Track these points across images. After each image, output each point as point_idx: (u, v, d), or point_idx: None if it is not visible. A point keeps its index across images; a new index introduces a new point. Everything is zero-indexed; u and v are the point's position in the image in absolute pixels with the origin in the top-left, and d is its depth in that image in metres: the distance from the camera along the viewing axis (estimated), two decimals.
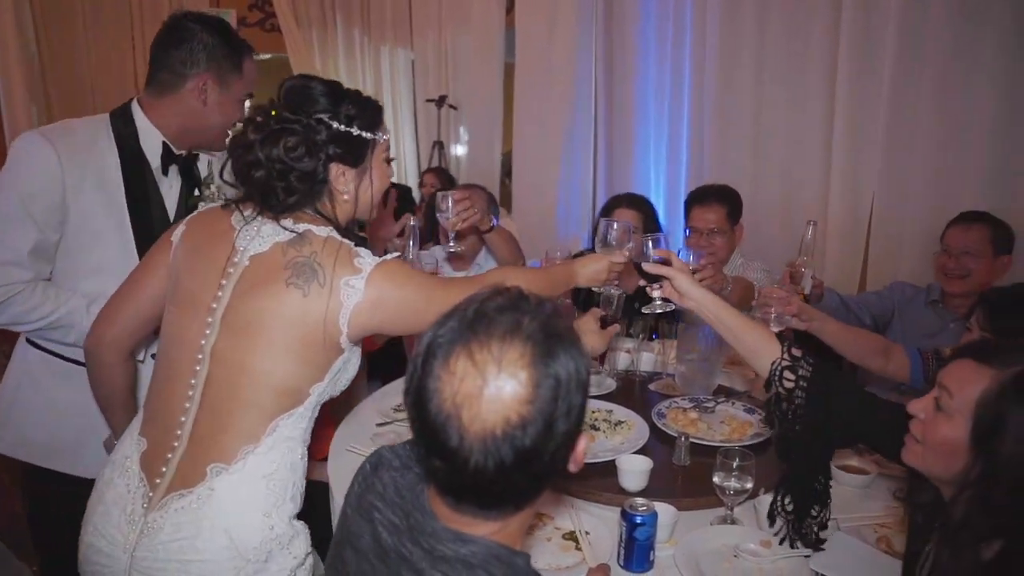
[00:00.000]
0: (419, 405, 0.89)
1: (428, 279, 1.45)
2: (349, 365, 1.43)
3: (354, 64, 6.83)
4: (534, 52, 5.10)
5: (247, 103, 1.89)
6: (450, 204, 2.14)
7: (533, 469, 0.89)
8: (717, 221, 2.76)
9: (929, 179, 3.39)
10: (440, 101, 5.78)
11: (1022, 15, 3.10)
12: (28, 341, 1.82)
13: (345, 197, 1.43)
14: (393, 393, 2.31)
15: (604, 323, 1.83)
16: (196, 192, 1.92)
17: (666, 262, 1.60)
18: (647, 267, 1.61)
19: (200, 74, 1.77)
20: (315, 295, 1.31)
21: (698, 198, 2.87)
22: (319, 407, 1.42)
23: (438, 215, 2.17)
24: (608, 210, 2.91)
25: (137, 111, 1.81)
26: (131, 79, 6.65)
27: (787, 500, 1.49)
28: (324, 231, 1.37)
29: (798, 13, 3.71)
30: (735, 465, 1.57)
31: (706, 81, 4.14)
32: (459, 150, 6.16)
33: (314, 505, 1.61)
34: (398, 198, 5.52)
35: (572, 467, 0.96)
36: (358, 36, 6.75)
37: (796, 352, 1.46)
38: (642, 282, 1.68)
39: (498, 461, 0.86)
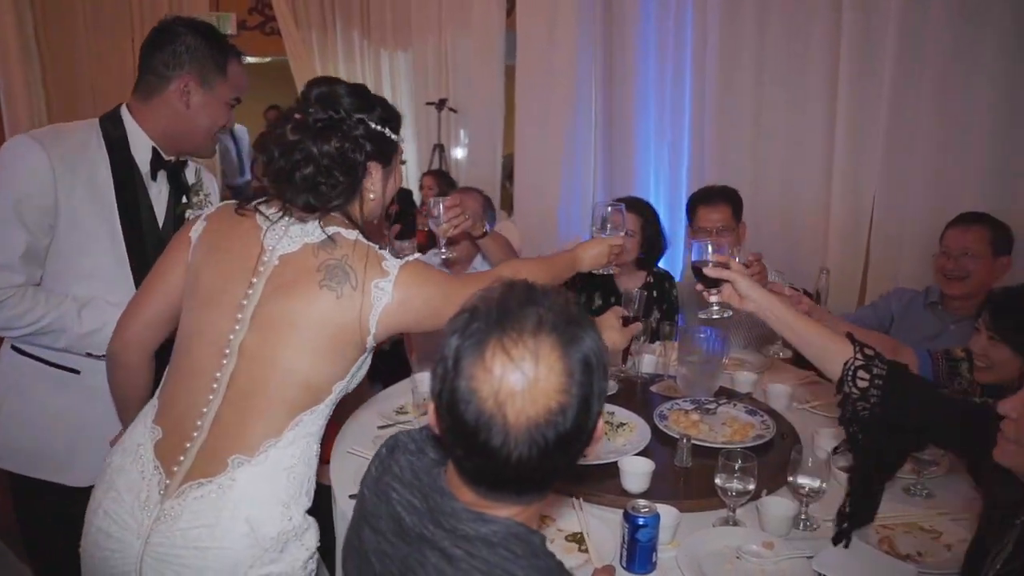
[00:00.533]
0: (454, 408, 0.91)
1: (447, 278, 1.49)
2: (365, 364, 1.47)
3: (354, 67, 6.83)
4: (535, 54, 5.09)
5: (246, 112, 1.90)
6: (441, 210, 2.14)
7: (572, 449, 0.94)
8: (723, 220, 2.77)
9: (929, 180, 3.38)
10: (440, 104, 5.78)
11: (1022, 16, 3.10)
12: (14, 348, 1.80)
13: (372, 196, 1.48)
14: (394, 396, 2.31)
15: (626, 321, 1.85)
16: (184, 199, 1.91)
17: (724, 266, 1.60)
18: (708, 271, 1.60)
19: (182, 75, 1.78)
20: (348, 297, 1.35)
21: (703, 198, 2.88)
22: (335, 404, 1.45)
23: (430, 222, 2.18)
24: None
25: (126, 115, 1.82)
26: (131, 80, 6.65)
27: (850, 501, 1.48)
28: (352, 234, 1.41)
29: (798, 14, 3.71)
30: (737, 467, 1.58)
31: (707, 82, 4.13)
32: (460, 153, 6.17)
33: (315, 507, 1.61)
34: (399, 201, 5.55)
35: (591, 447, 0.99)
36: (358, 39, 6.76)
37: (869, 351, 1.44)
38: (699, 287, 1.68)
39: (541, 448, 0.89)
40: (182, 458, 1.33)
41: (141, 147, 1.82)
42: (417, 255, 1.47)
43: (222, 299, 1.39)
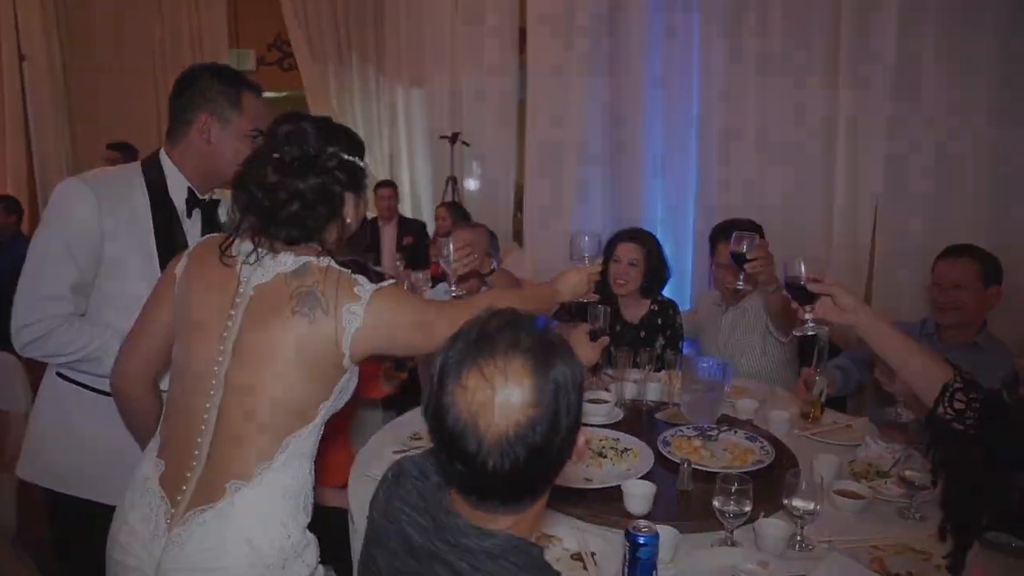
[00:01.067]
0: (438, 419, 1.02)
1: (422, 303, 1.56)
2: (350, 383, 1.53)
3: (369, 101, 7.01)
4: (544, 89, 5.25)
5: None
6: (451, 250, 2.21)
7: (544, 461, 1.03)
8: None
9: (930, 195, 3.45)
10: (453, 138, 5.93)
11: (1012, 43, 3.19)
12: (58, 374, 1.92)
13: (348, 220, 1.55)
14: (407, 423, 2.40)
15: (593, 336, 1.92)
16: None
17: (818, 282, 1.65)
18: (812, 287, 1.65)
19: (200, 115, 1.91)
20: (320, 322, 1.40)
21: (722, 233, 2.97)
22: (324, 424, 1.51)
23: (440, 261, 2.26)
24: (611, 244, 3.03)
25: (165, 159, 1.96)
26: (151, 117, 6.93)
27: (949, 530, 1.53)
28: (324, 261, 1.46)
29: (798, 53, 3.83)
30: (733, 489, 1.65)
31: (713, 114, 4.28)
32: (472, 185, 6.30)
33: (330, 528, 1.69)
34: (413, 233, 5.68)
35: (575, 457, 1.08)
36: (373, 73, 6.94)
37: (968, 375, 1.49)
38: (793, 304, 1.74)
39: (513, 459, 0.99)
40: (184, 488, 1.40)
41: (177, 188, 1.95)
42: (391, 281, 1.51)
43: (205, 332, 1.45)
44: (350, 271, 1.47)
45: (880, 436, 2.26)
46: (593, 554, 1.63)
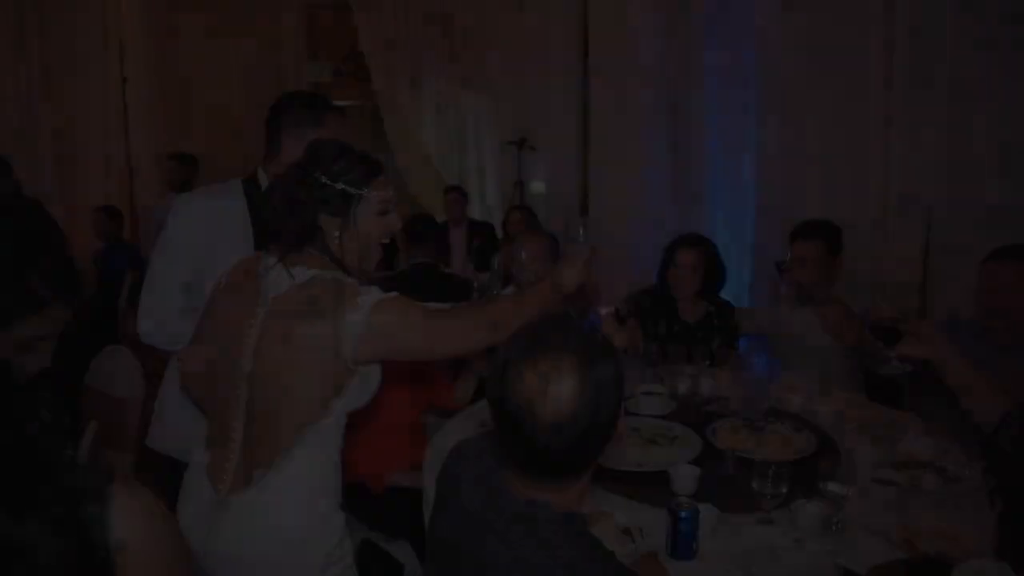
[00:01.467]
0: (499, 405, 1.23)
1: (424, 311, 1.66)
2: (367, 382, 1.66)
3: (439, 108, 7.24)
4: (609, 95, 5.40)
5: None
6: (524, 259, 2.41)
7: (586, 445, 1.23)
8: (815, 251, 3.00)
9: (984, 200, 3.46)
10: (520, 143, 6.12)
11: None
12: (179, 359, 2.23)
13: (335, 241, 1.67)
14: (475, 414, 2.59)
15: (621, 320, 2.07)
16: None
17: (895, 318, 1.84)
18: (901, 327, 1.82)
19: (288, 136, 2.16)
20: (321, 329, 1.56)
21: (800, 231, 3.10)
22: (344, 415, 1.68)
23: (513, 268, 2.46)
24: (671, 249, 3.19)
25: (262, 175, 2.23)
26: (236, 130, 7.35)
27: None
28: (330, 274, 1.62)
29: (855, 65, 3.89)
30: (771, 472, 1.80)
31: (769, 122, 4.35)
32: (540, 188, 6.48)
33: (406, 506, 1.87)
34: (480, 235, 5.87)
35: (615, 443, 1.28)
36: (443, 81, 7.18)
37: None
38: (879, 344, 1.88)
39: (559, 442, 1.19)
40: (225, 476, 1.63)
41: None
42: (394, 294, 1.64)
43: (233, 339, 1.64)
44: (356, 283, 1.64)
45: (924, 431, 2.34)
46: (640, 528, 1.81)
